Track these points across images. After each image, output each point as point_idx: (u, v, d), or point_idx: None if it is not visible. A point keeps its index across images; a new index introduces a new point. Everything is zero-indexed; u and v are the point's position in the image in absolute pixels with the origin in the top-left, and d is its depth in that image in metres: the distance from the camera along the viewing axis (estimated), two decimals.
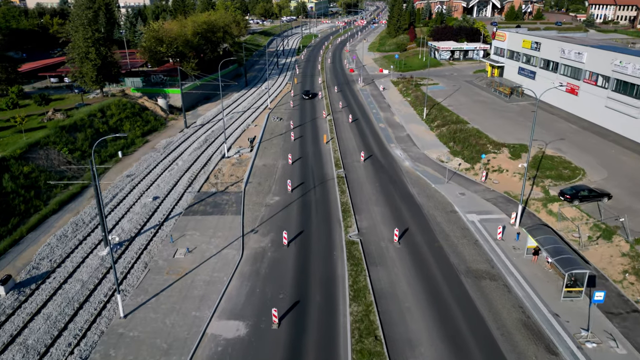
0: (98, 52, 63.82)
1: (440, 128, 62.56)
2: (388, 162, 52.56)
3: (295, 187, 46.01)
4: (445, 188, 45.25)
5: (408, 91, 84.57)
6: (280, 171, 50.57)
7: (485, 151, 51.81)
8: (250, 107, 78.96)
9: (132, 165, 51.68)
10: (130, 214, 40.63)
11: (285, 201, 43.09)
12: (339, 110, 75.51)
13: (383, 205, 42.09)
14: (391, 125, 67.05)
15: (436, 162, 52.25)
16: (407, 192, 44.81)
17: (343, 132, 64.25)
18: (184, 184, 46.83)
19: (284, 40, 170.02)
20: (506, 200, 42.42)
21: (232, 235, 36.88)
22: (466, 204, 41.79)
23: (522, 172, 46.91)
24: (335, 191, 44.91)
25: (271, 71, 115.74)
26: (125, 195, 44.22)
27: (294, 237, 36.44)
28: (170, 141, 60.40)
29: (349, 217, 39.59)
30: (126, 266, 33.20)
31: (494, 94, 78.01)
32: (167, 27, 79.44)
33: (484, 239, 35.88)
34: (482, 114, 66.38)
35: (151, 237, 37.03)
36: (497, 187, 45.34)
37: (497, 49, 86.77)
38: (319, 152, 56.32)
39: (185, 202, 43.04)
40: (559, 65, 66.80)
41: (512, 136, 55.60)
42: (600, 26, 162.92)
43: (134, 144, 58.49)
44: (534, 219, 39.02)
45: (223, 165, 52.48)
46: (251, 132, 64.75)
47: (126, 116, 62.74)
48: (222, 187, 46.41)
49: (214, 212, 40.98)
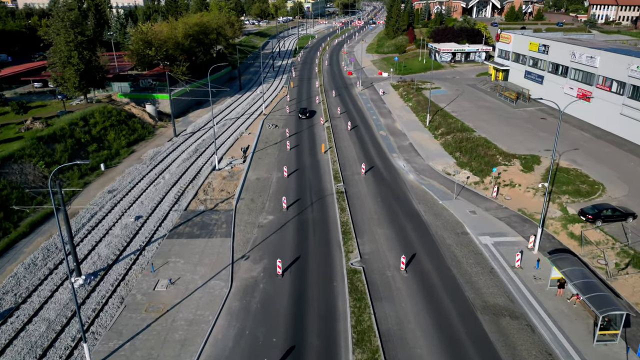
0: (81, 56, 59.93)
1: (444, 136, 59.01)
2: (391, 175, 48.97)
3: (291, 204, 42.36)
4: (454, 205, 41.69)
5: (409, 95, 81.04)
6: (275, 185, 46.91)
7: (494, 163, 48.30)
8: (244, 113, 75.23)
9: (115, 179, 47.88)
10: (109, 237, 36.86)
11: (279, 221, 39.42)
12: (337, 117, 71.89)
13: (387, 225, 38.48)
14: (393, 132, 63.47)
15: (442, 175, 48.69)
16: (412, 209, 41.22)
17: (342, 140, 60.62)
18: (170, 201, 43.08)
19: (280, 41, 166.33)
20: (521, 220, 38.86)
21: (220, 263, 33.18)
22: (478, 223, 38.22)
23: (537, 187, 43.46)
24: (335, 208, 41.28)
25: (266, 74, 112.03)
26: (105, 215, 40.43)
27: (289, 265, 32.79)
28: (157, 151, 56.60)
29: (350, 239, 35.97)
30: (100, 301, 29.44)
31: (499, 99, 74.57)
32: (157, 29, 75.58)
33: (500, 266, 32.32)
34: (488, 120, 62.91)
35: (131, 264, 33.29)
36: (510, 204, 41.79)
37: (501, 51, 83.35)
38: (317, 163, 52.68)
39: (170, 223, 39.30)
40: (569, 69, 63.38)
41: (523, 146, 52.13)
42: (603, 27, 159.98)
43: (118, 154, 54.66)
44: (554, 242, 35.47)
45: (213, 178, 48.75)
46: (244, 141, 61.04)
47: (111, 124, 58.88)
48: (211, 205, 42.68)
49: (202, 234, 37.27)
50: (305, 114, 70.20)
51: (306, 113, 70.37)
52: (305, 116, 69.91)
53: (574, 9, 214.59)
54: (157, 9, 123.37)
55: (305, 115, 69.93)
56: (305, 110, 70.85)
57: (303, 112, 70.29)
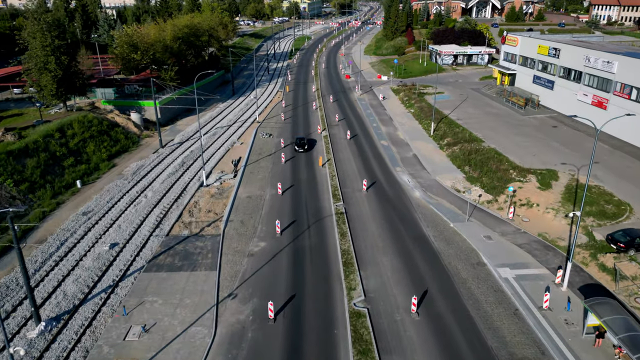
0: (59, 61, 55.43)
1: (451, 147, 54.87)
2: (395, 192, 44.78)
3: (286, 228, 38.08)
4: (467, 228, 37.53)
5: (411, 101, 76.91)
6: (268, 204, 42.63)
7: (508, 178, 44.21)
8: (236, 121, 70.85)
9: (92, 198, 43.43)
10: (79, 270, 32.47)
11: (272, 248, 35.14)
12: (335, 125, 67.65)
13: (393, 253, 34.28)
14: (395, 142, 59.29)
15: (451, 192, 44.53)
16: (420, 234, 37.03)
17: (341, 151, 56.38)
18: (151, 224, 38.71)
19: (275, 42, 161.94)
20: (543, 247, 34.73)
21: (203, 303, 28.88)
22: (495, 252, 34.08)
23: (557, 207, 39.38)
24: (334, 233, 37.02)
25: (261, 78, 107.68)
26: (77, 242, 36.01)
27: (283, 306, 28.53)
28: (141, 165, 52.16)
29: (352, 272, 31.74)
30: (59, 356, 25.08)
31: (506, 105, 70.56)
32: (143, 32, 71.08)
33: (525, 306, 28.17)
34: (497, 129, 58.86)
35: (100, 305, 28.93)
36: (529, 227, 37.68)
37: (507, 54, 79.34)
38: (314, 178, 48.44)
39: (149, 251, 34.95)
40: (582, 74, 59.39)
41: (537, 159, 48.07)
42: (606, 27, 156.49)
43: (98, 169, 50.20)
44: (583, 275, 31.33)
45: (200, 196, 44.41)
46: (236, 152, 56.70)
47: (91, 135, 54.37)
48: (196, 229, 38.35)
49: (184, 266, 32.94)
50: (302, 145, 56.04)
51: (304, 145, 56.15)
52: (303, 149, 55.81)
53: (573, 9, 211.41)
54: (147, 10, 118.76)
55: (303, 147, 55.82)
56: (303, 141, 56.51)
57: (300, 144, 56.17)
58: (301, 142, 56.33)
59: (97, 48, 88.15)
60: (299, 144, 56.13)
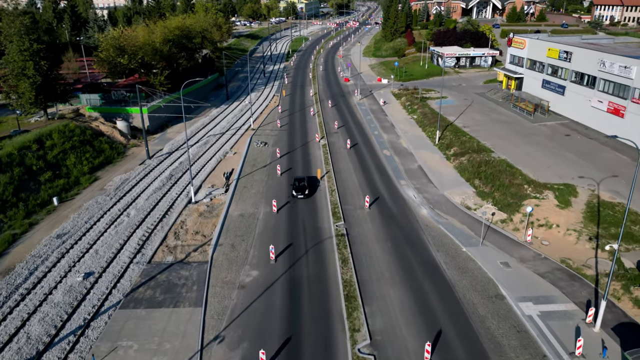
0: (37, 67, 51.67)
1: (458, 158, 51.31)
2: (400, 210, 41.17)
3: (281, 253, 34.43)
4: (481, 253, 33.96)
5: (413, 106, 73.36)
6: (262, 224, 38.94)
7: (522, 195, 40.66)
8: (229, 128, 67.15)
9: (69, 218, 39.67)
10: (47, 307, 28.74)
11: (266, 279, 31.48)
12: (334, 132, 64.02)
13: (401, 284, 30.66)
14: (398, 152, 55.70)
15: (461, 210, 40.94)
16: (430, 260, 33.44)
17: (340, 162, 52.75)
18: (132, 249, 35.00)
19: (271, 43, 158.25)
20: (567, 277, 31.16)
21: (185, 349, 25.19)
22: (514, 282, 30.49)
23: (579, 228, 35.86)
24: (335, 260, 33.38)
25: (257, 81, 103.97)
26: (47, 271, 32.24)
27: (277, 352, 24.88)
28: (125, 178, 48.38)
29: (356, 309, 28.10)
30: None
31: (513, 111, 67.10)
32: (130, 34, 67.26)
33: (554, 353, 24.56)
34: (506, 138, 55.34)
35: (67, 351, 25.20)
36: (549, 252, 34.12)
37: (513, 57, 75.85)
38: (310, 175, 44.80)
39: (128, 282, 31.24)
40: (596, 79, 55.92)
41: (552, 172, 44.57)
42: (609, 28, 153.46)
43: (78, 184, 46.42)
44: (615, 312, 27.72)
45: (188, 215, 40.71)
46: (228, 164, 53.01)
47: (72, 146, 50.57)
48: (182, 254, 34.65)
49: (166, 300, 29.25)
50: (302, 189, 43.21)
51: (304, 189, 43.26)
52: (302, 194, 43.08)
53: (573, 9, 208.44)
54: (138, 11, 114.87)
55: (302, 192, 43.11)
56: (303, 183, 43.66)
57: (299, 187, 43.37)
58: (300, 184, 43.66)
59: (83, 51, 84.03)
60: (297, 187, 43.52)
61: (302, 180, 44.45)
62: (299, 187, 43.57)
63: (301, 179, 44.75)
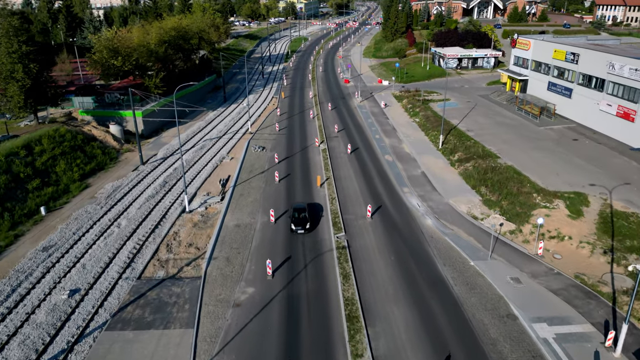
0: (27, 69, 49.80)
1: (463, 164, 49.51)
2: (403, 219, 39.35)
3: (279, 267, 32.61)
4: (490, 268, 32.15)
5: (415, 109, 71.57)
6: (259, 236, 37.12)
7: (531, 204, 38.86)
8: (227, 132, 65.32)
9: (57, 229, 37.82)
10: (28, 328, 26.88)
11: (262, 296, 29.65)
12: (334, 136, 62.19)
13: (405, 302, 28.84)
14: (400, 157, 53.89)
15: (468, 220, 39.11)
16: (436, 275, 31.62)
17: (341, 168, 50.93)
18: (121, 263, 33.17)
19: (270, 44, 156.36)
20: (583, 294, 29.35)
21: None
22: (526, 300, 28.68)
23: (592, 240, 34.08)
24: (336, 275, 31.55)
25: (255, 82, 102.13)
26: (31, 287, 30.39)
27: None
28: (117, 185, 46.54)
29: (358, 331, 26.25)
30: None
31: (518, 114, 65.31)
32: (124, 36, 65.42)
33: None
34: (512, 142, 53.55)
35: None
36: (562, 266, 32.32)
37: (518, 58, 74.05)
38: (312, 201, 42.94)
39: (116, 300, 29.40)
40: (605, 82, 54.15)
41: (561, 179, 42.78)
42: (611, 28, 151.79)
43: (67, 192, 44.55)
44: (635, 334, 25.88)
45: (182, 225, 38.87)
46: (225, 170, 51.19)
47: (62, 152, 48.73)
48: (174, 269, 32.83)
49: (155, 321, 27.40)
50: (302, 222, 36.49)
51: (304, 221, 36.54)
52: (302, 228, 36.25)
53: (574, 9, 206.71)
54: (134, 11, 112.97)
55: (302, 225, 36.34)
56: (303, 215, 36.91)
57: (299, 219, 36.66)
58: (300, 216, 36.61)
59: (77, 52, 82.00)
60: (297, 219, 36.42)
61: (302, 210, 37.47)
62: (298, 219, 36.75)
63: (301, 208, 37.69)
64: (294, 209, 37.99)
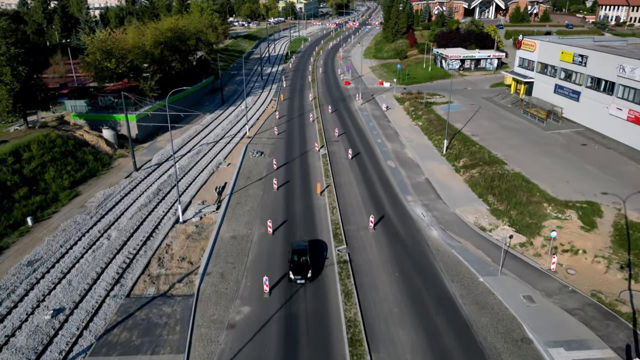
0: (15, 72, 47.95)
1: (469, 170, 47.66)
2: (407, 231, 37.51)
3: (276, 284, 30.75)
4: (501, 285, 30.32)
5: (417, 112, 69.73)
6: (256, 249, 35.27)
7: (542, 214, 37.02)
8: (224, 135, 63.44)
9: (43, 241, 35.98)
10: (6, 354, 25.00)
11: (259, 316, 27.80)
12: (334, 140, 60.33)
13: (411, 323, 27.00)
14: (403, 163, 52.05)
15: (475, 231, 37.28)
16: (444, 292, 29.78)
17: (342, 175, 49.08)
18: (110, 279, 31.32)
19: (270, 45, 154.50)
20: (601, 315, 27.51)
21: None
22: (541, 321, 26.83)
23: (608, 254, 32.24)
24: (337, 292, 29.69)
25: (254, 84, 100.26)
26: (13, 306, 28.52)
27: None
28: (109, 194, 44.68)
29: (362, 357, 24.39)
30: None
31: (524, 117, 63.45)
32: (119, 37, 63.53)
33: None
34: (519, 148, 51.70)
35: None
36: (577, 283, 30.48)
37: (523, 60, 72.22)
38: (311, 211, 41.11)
39: (102, 320, 27.54)
40: (615, 85, 52.31)
41: (572, 187, 40.92)
42: (615, 29, 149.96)
43: (57, 200, 42.68)
44: None
45: (175, 237, 37.02)
46: (221, 176, 49.34)
47: (52, 158, 46.88)
48: (165, 285, 30.98)
49: (144, 345, 25.54)
50: (303, 269, 29.87)
51: (305, 268, 29.93)
52: (302, 277, 29.64)
53: (576, 10, 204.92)
54: (131, 11, 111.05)
55: (302, 273, 29.73)
56: (303, 258, 30.50)
57: (299, 265, 30.09)
58: (301, 261, 30.05)
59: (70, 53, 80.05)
60: (297, 266, 29.76)
61: (303, 252, 30.33)
62: (299, 265, 29.26)
63: (302, 250, 30.60)
64: (294, 251, 31.13)
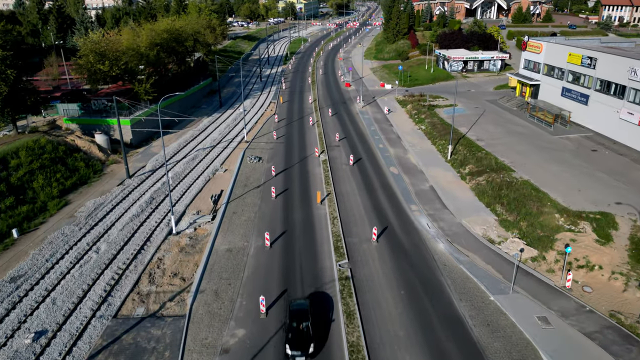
0: (3, 76, 46.09)
1: (475, 178, 45.78)
2: (412, 244, 35.63)
3: (273, 303, 28.88)
4: (513, 304, 28.43)
5: (420, 115, 67.85)
6: (252, 263, 33.39)
7: (554, 226, 35.14)
8: (221, 140, 61.55)
9: (29, 255, 34.10)
10: None
11: (254, 340, 25.91)
12: (335, 145, 58.45)
13: (419, 348, 25.10)
14: (406, 169, 50.18)
15: (484, 244, 35.40)
16: (452, 313, 27.91)
17: (343, 183, 47.20)
18: (97, 298, 29.44)
19: (269, 45, 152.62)
20: (621, 338, 25.63)
21: None
22: (559, 347, 24.96)
23: (626, 271, 30.37)
24: (339, 314, 27.81)
25: (252, 86, 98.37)
26: None
27: None
28: (100, 202, 42.78)
29: None
30: None
31: (530, 121, 61.60)
32: (113, 39, 61.62)
33: None
34: (526, 153, 49.83)
35: None
36: (594, 302, 28.61)
37: (528, 62, 70.34)
38: (311, 221, 39.22)
39: (86, 344, 25.66)
40: (626, 89, 50.45)
41: (583, 196, 39.05)
42: (619, 29, 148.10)
43: (45, 210, 40.78)
44: None
45: (167, 250, 35.15)
46: (217, 183, 47.46)
47: (41, 165, 45.00)
48: (156, 304, 29.09)
49: None
50: (304, 344, 23.73)
51: (307, 340, 23.90)
52: (302, 352, 23.51)
53: (578, 10, 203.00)
54: (128, 12, 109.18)
55: (303, 347, 23.57)
56: (303, 324, 24.60)
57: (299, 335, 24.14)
58: (301, 327, 24.45)
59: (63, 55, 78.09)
60: (295, 335, 24.08)
61: (303, 315, 24.73)
62: (299, 333, 23.96)
63: (302, 312, 24.97)
64: (291, 313, 24.88)
